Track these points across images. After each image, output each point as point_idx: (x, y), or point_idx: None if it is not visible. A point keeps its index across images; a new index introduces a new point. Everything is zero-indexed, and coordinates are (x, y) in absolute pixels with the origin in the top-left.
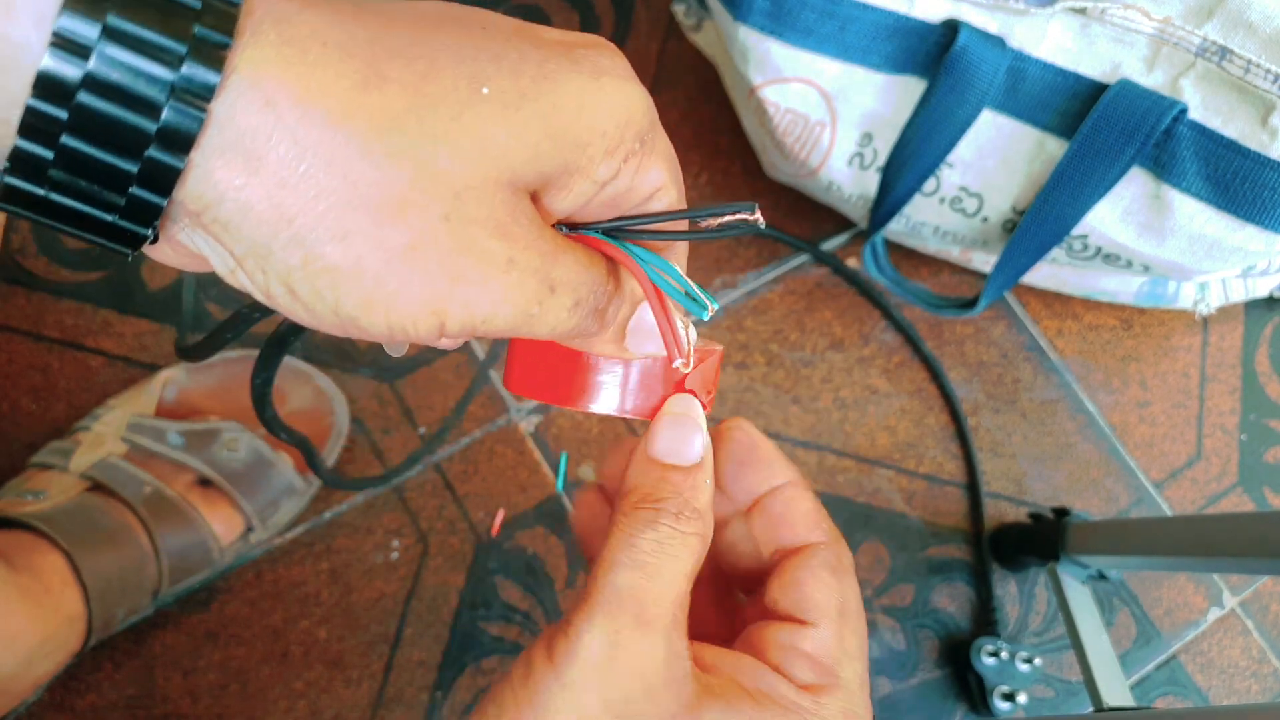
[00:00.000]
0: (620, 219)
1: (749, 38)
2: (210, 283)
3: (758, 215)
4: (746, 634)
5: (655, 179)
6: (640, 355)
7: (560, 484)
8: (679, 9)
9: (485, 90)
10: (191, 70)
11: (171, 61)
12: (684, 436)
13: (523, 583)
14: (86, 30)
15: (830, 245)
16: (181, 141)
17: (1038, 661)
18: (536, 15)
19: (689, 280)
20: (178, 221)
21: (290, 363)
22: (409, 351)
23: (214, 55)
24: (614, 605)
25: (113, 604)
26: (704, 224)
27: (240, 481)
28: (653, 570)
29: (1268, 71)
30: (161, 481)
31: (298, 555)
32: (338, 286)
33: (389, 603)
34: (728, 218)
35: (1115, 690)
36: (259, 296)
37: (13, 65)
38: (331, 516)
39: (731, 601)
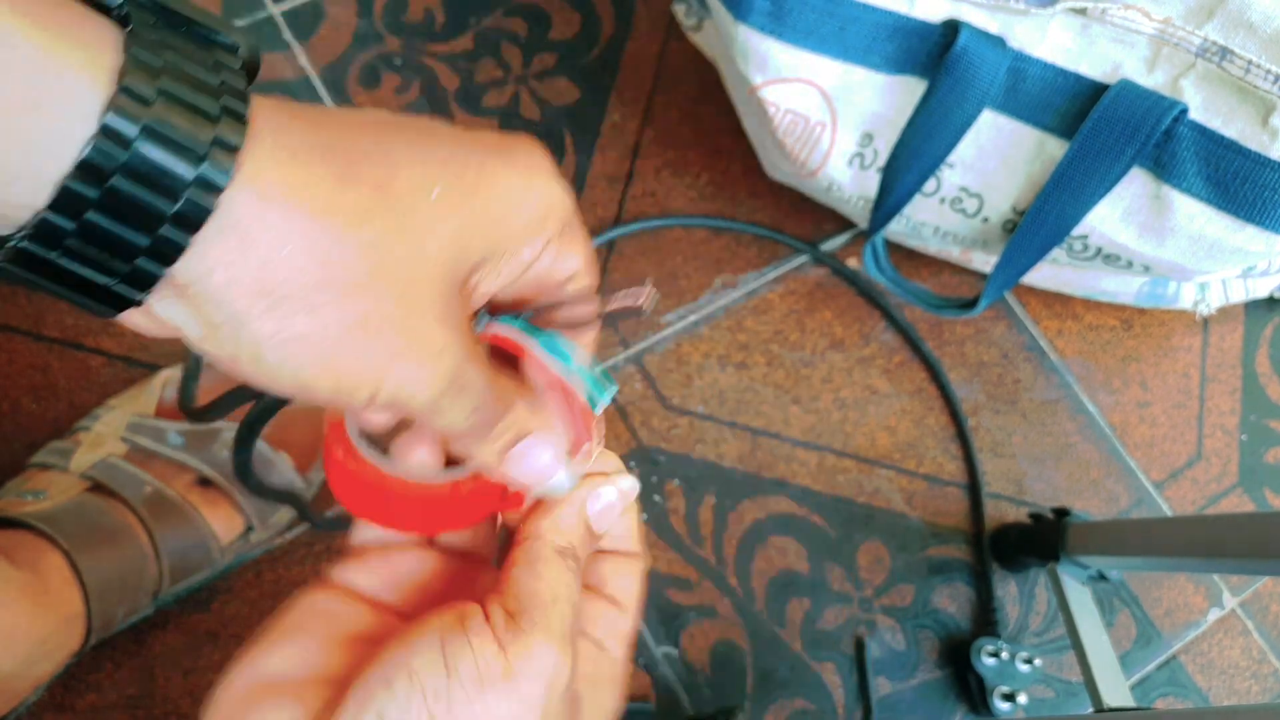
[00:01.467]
0: (519, 313)
1: (749, 38)
2: None
3: (643, 301)
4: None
5: (572, 263)
6: (513, 479)
7: None
8: (679, 9)
9: (435, 193)
10: (209, 169)
11: (194, 160)
12: (615, 511)
13: None
14: (128, 129)
15: (830, 245)
16: (192, 224)
17: (1038, 662)
18: (538, 15)
19: (591, 375)
20: (161, 293)
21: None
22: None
23: (227, 157)
24: (555, 624)
25: (113, 603)
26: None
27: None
28: (569, 601)
29: (1268, 72)
30: (161, 481)
31: (298, 555)
32: (300, 355)
33: None
34: (616, 305)
35: (1115, 691)
36: (221, 362)
37: (56, 155)
38: (333, 516)
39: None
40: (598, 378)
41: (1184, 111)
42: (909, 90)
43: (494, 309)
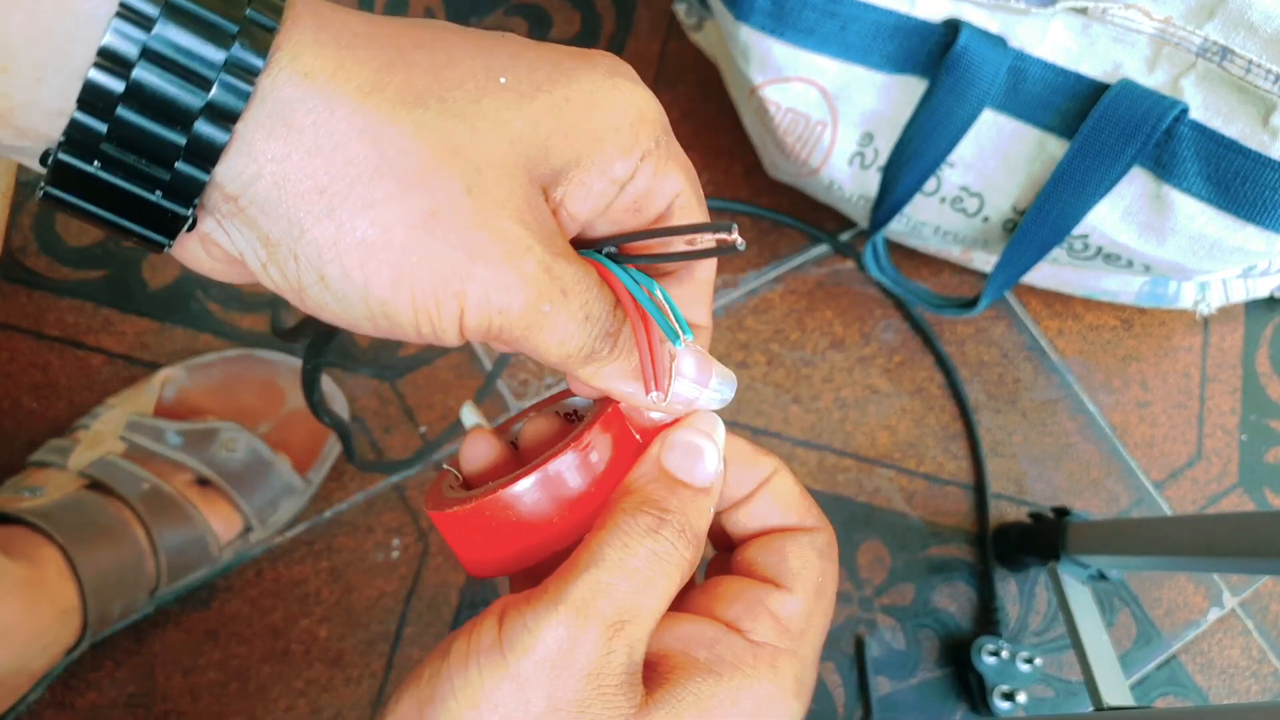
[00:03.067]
0: (610, 237)
1: (750, 37)
2: (211, 281)
3: (735, 235)
4: (710, 584)
5: (674, 184)
6: (678, 402)
7: None
8: (680, 8)
9: (503, 80)
10: (241, 50)
11: (223, 41)
12: (700, 457)
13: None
14: (147, 8)
15: (846, 236)
16: (228, 115)
17: (1038, 661)
18: (539, 15)
19: (674, 305)
20: (215, 211)
21: (290, 362)
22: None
23: (262, 37)
24: (586, 601)
25: (109, 599)
26: (681, 245)
27: (238, 481)
28: (643, 581)
29: (1268, 71)
30: (160, 480)
31: (298, 554)
32: (366, 264)
33: (389, 601)
34: (707, 238)
35: (1115, 690)
36: (289, 295)
37: (79, 37)
38: (332, 515)
39: None
40: (672, 318)
41: (1184, 111)
42: (909, 89)
43: (577, 244)
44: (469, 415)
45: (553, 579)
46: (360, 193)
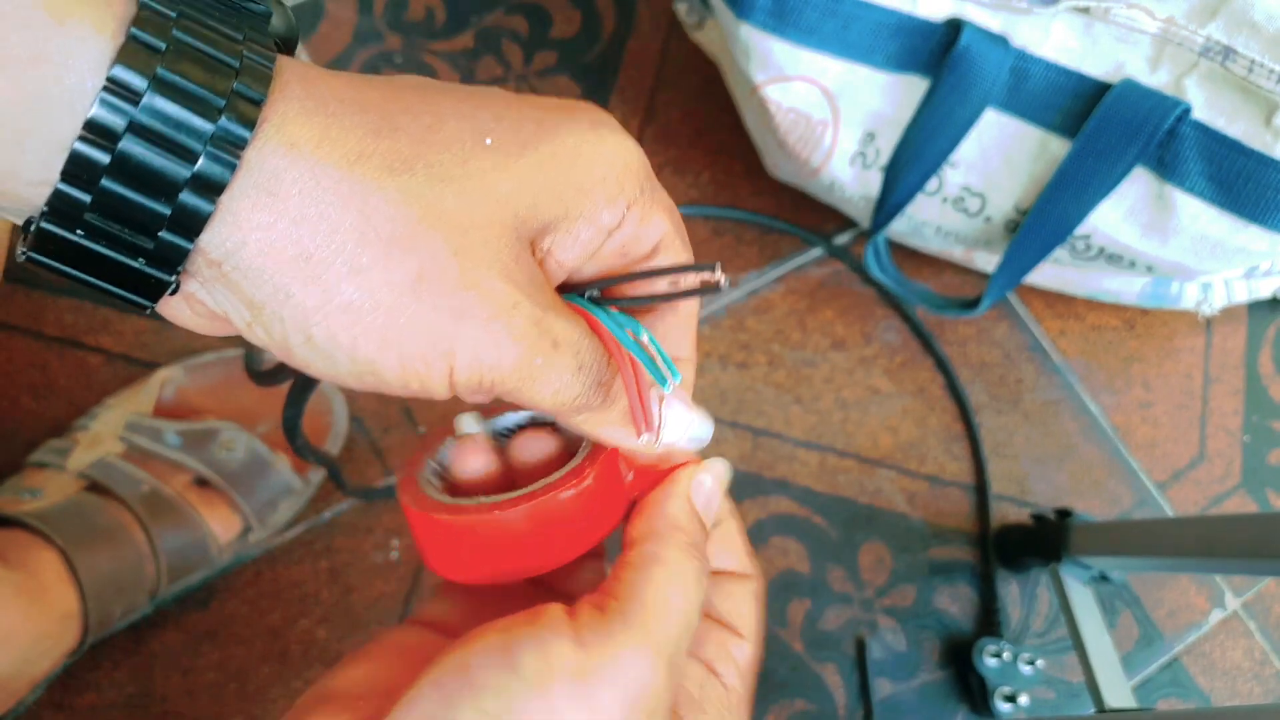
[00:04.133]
0: (594, 280)
1: (751, 36)
2: None
3: (719, 275)
4: None
5: (658, 228)
6: (650, 445)
7: None
8: (681, 7)
9: (488, 141)
10: (228, 122)
11: (210, 114)
12: (716, 497)
13: None
14: (136, 81)
15: (843, 240)
16: (214, 186)
17: (1040, 663)
18: (539, 13)
19: (660, 347)
20: (198, 275)
21: None
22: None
23: (248, 110)
24: (663, 647)
25: (109, 602)
26: (665, 285)
27: (238, 481)
28: (690, 624)
29: (1271, 71)
30: (159, 480)
31: (297, 554)
32: (353, 326)
33: (389, 602)
34: (691, 278)
35: (1117, 692)
36: (276, 352)
37: (66, 110)
38: (331, 516)
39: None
40: (660, 361)
41: (1187, 111)
42: (911, 89)
43: (563, 288)
44: (469, 424)
45: (621, 592)
46: (345, 259)
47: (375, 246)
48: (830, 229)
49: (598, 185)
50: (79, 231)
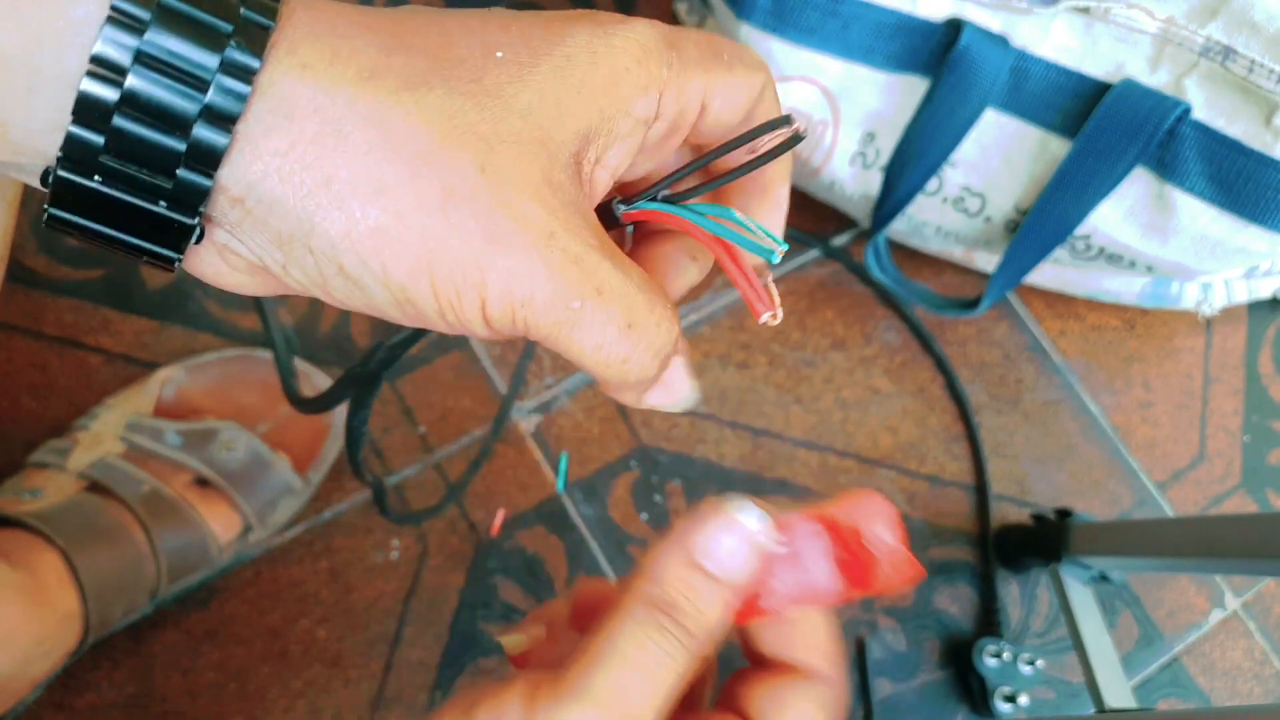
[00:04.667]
0: (657, 184)
1: (751, 36)
2: (199, 281)
3: (797, 125)
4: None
5: (695, 92)
6: (641, 403)
7: (560, 484)
8: (681, 7)
9: (500, 54)
10: (236, 50)
11: (218, 42)
12: (739, 550)
13: (523, 583)
14: (139, 11)
15: (834, 245)
16: (227, 117)
17: (1040, 663)
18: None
19: (756, 223)
20: (225, 220)
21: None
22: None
23: (258, 36)
24: (612, 704)
25: (110, 603)
26: (738, 160)
27: (238, 481)
28: (656, 681)
29: (1271, 71)
30: (159, 480)
31: (297, 554)
32: (383, 251)
33: (388, 602)
34: (767, 142)
35: (1117, 692)
36: (317, 292)
37: (71, 44)
38: (331, 516)
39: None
40: (761, 235)
41: (1187, 111)
42: (911, 89)
43: (630, 196)
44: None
45: (577, 669)
46: (368, 180)
47: (398, 164)
48: (830, 229)
49: (624, 76)
50: (96, 178)
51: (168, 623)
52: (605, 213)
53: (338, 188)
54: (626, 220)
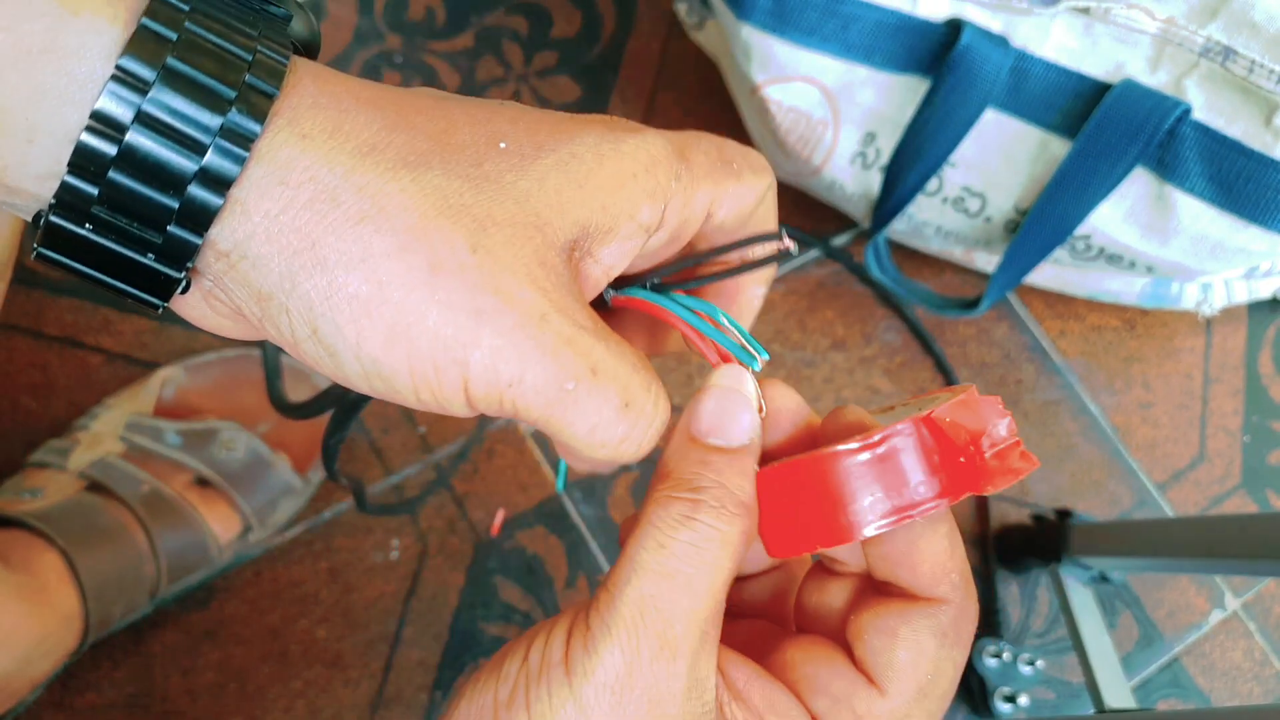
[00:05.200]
0: (653, 269)
1: (751, 36)
2: None
3: (786, 242)
4: (797, 658)
5: (702, 203)
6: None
7: (560, 484)
8: (681, 7)
9: (503, 145)
10: (238, 116)
11: (220, 107)
12: (731, 412)
13: (523, 583)
14: (145, 72)
15: (834, 245)
16: (222, 180)
17: (1040, 663)
18: (539, 13)
19: (741, 327)
20: (209, 271)
21: (289, 362)
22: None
23: (260, 104)
24: (636, 622)
25: (110, 603)
26: (731, 259)
27: (238, 481)
28: (684, 581)
29: (1271, 72)
30: (159, 480)
31: (297, 554)
32: (359, 319)
33: (388, 602)
34: (758, 251)
35: (1117, 692)
36: (288, 349)
37: (73, 100)
38: (331, 516)
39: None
40: (744, 340)
41: (1187, 111)
42: (911, 89)
43: (618, 282)
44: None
45: (604, 590)
46: (355, 248)
47: (386, 235)
48: (830, 229)
49: (630, 180)
50: (87, 225)
51: (168, 622)
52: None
53: (323, 252)
54: (615, 305)
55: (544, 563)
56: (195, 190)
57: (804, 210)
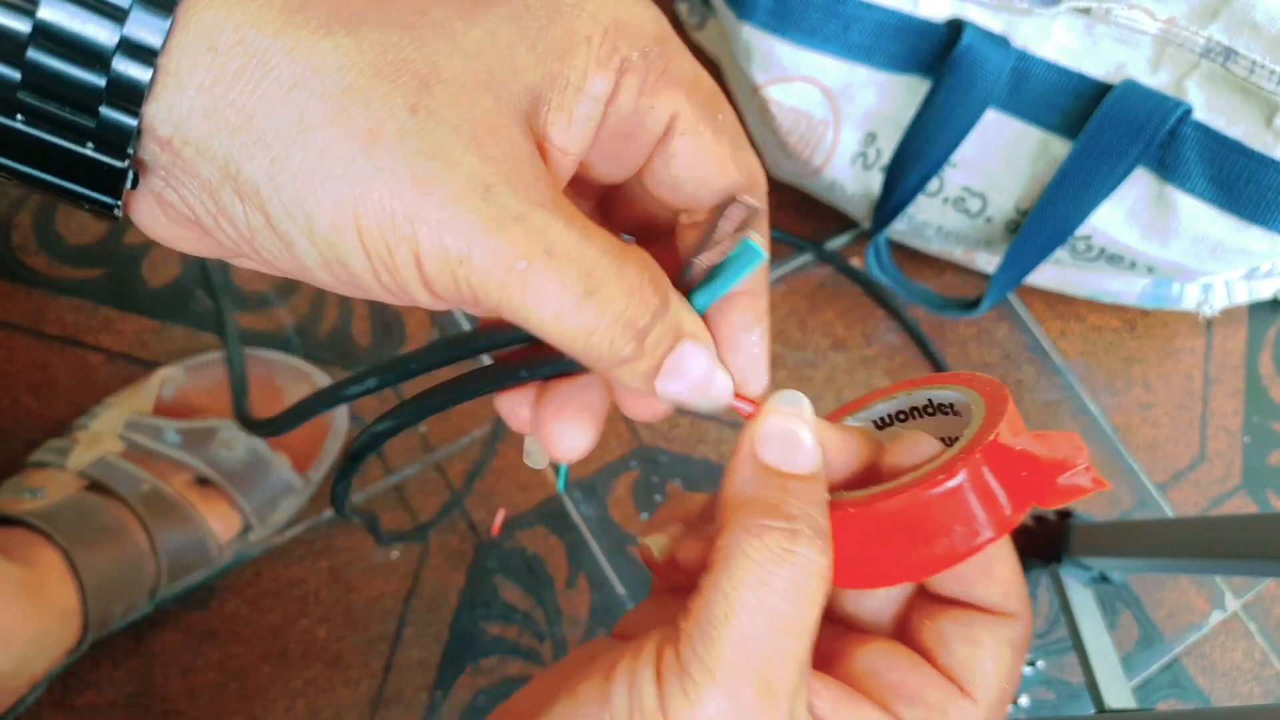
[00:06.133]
0: None
1: (752, 36)
2: (210, 280)
3: (747, 202)
4: (877, 665)
5: (667, 107)
6: (664, 399)
7: (561, 484)
8: (682, 7)
9: None
10: None
11: None
12: (797, 438)
13: (523, 582)
14: None
15: (833, 245)
16: (146, 50)
17: (1040, 663)
18: None
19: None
20: (156, 165)
21: (289, 361)
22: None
23: None
24: (739, 665)
25: (109, 601)
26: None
27: (238, 480)
28: (787, 622)
29: (1272, 72)
30: (159, 479)
31: (297, 554)
32: (305, 198)
33: (389, 602)
34: (725, 229)
35: (1117, 692)
36: (245, 248)
37: None
38: (331, 515)
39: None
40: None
41: (1188, 112)
42: (912, 89)
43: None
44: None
45: (696, 627)
46: (289, 116)
47: (322, 101)
48: (831, 229)
49: (583, 43)
50: (19, 117)
51: (168, 622)
52: None
53: (260, 126)
54: None
55: (544, 563)
56: (120, 64)
57: (804, 211)
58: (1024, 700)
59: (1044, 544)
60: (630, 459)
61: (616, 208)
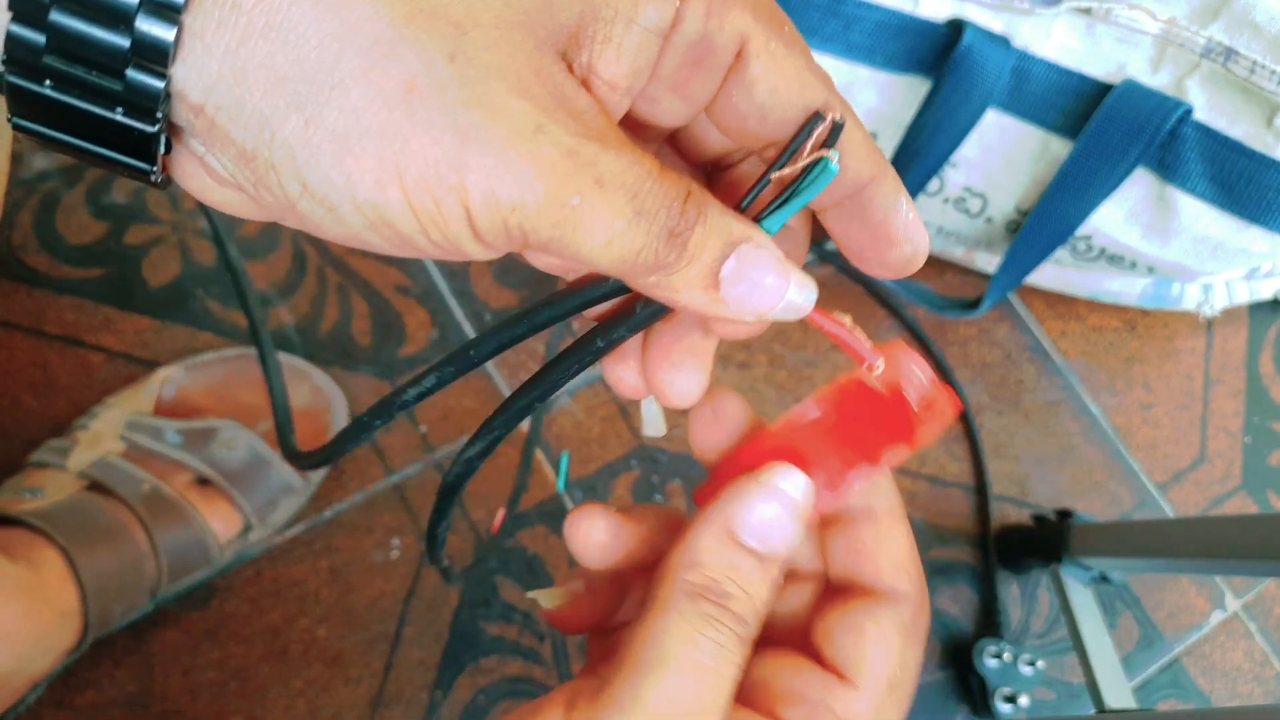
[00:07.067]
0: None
1: None
2: (211, 280)
3: (830, 120)
4: (768, 675)
5: (736, 26)
6: (737, 313)
7: (561, 484)
8: None
9: None
10: None
11: None
12: (782, 523)
13: (523, 582)
14: None
15: (834, 245)
16: (169, 6)
17: (1040, 664)
18: None
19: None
20: (192, 133)
21: (289, 360)
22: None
23: None
24: (663, 713)
25: (110, 601)
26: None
27: (238, 480)
28: (712, 680)
29: (1273, 72)
30: (159, 479)
31: (297, 554)
32: (344, 158)
33: (389, 601)
34: (808, 148)
35: (1117, 693)
36: (288, 217)
37: None
38: (332, 515)
39: None
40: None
41: (1189, 112)
42: (913, 89)
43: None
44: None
45: (621, 678)
46: (323, 75)
47: (354, 56)
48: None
49: None
50: (47, 82)
51: (168, 622)
52: None
53: (293, 87)
54: None
55: (544, 562)
56: (144, 24)
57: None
58: (1024, 700)
59: (1044, 544)
60: (631, 458)
61: (681, 155)
